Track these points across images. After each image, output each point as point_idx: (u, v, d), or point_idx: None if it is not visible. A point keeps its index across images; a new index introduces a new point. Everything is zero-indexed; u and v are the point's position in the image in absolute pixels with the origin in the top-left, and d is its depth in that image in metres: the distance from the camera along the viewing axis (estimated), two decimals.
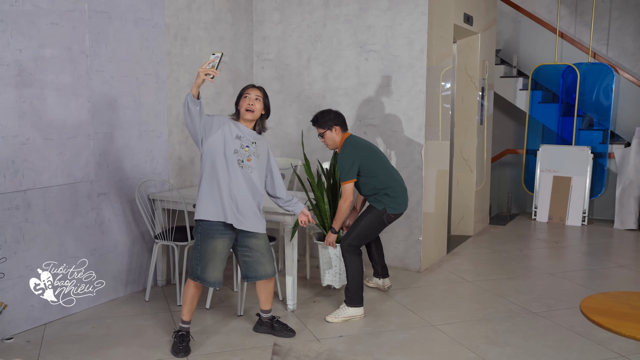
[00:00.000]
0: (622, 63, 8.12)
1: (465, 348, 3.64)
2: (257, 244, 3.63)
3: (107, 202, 4.41)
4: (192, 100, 3.25)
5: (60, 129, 4.01)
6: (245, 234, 3.60)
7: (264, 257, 3.67)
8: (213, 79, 3.21)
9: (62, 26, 3.99)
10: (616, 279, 5.20)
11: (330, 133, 4.23)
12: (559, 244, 6.56)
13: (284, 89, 5.82)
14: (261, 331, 3.86)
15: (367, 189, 4.22)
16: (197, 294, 3.61)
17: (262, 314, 3.89)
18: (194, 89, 3.22)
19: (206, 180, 3.49)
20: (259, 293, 3.85)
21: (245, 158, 3.51)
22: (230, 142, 3.47)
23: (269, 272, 3.70)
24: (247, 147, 3.52)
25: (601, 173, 7.67)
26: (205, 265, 3.50)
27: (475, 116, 6.63)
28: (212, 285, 3.54)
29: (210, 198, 3.47)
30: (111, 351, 3.56)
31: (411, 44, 5.14)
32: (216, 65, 3.22)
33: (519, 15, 8.49)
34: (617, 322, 2.46)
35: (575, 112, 7.76)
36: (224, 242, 3.52)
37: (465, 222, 6.75)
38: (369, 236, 4.25)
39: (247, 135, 3.55)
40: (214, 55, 3.26)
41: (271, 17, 5.82)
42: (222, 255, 3.54)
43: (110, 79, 4.36)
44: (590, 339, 3.75)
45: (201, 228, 3.50)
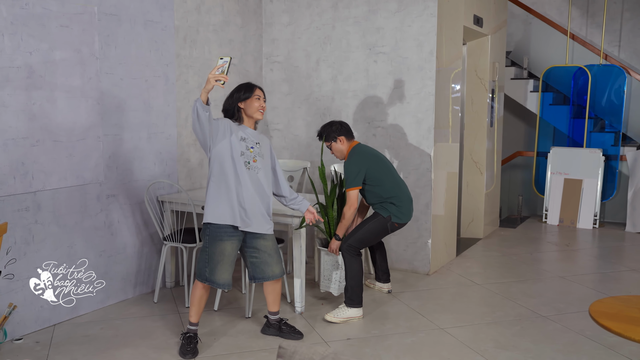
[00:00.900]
0: (634, 65, 8.06)
1: (474, 352, 3.62)
2: (264, 245, 3.63)
3: (116, 204, 4.42)
4: (202, 107, 3.23)
5: (70, 131, 4.03)
6: (253, 235, 3.60)
7: (272, 258, 3.67)
8: (224, 84, 3.17)
9: (72, 29, 4.01)
10: (627, 283, 5.15)
11: (336, 144, 4.28)
12: (569, 247, 6.51)
13: (293, 91, 5.83)
14: (269, 333, 3.86)
15: (373, 197, 4.23)
16: (205, 296, 3.61)
17: (270, 316, 3.88)
18: (204, 94, 3.20)
19: (214, 184, 3.50)
20: (266, 294, 3.85)
21: (251, 159, 3.51)
22: (237, 145, 3.47)
23: (277, 273, 3.70)
24: (251, 148, 3.52)
25: (613, 176, 7.60)
26: (214, 267, 3.50)
27: (485, 118, 6.60)
28: (221, 287, 3.55)
29: (218, 201, 3.48)
30: (119, 352, 3.57)
31: (420, 45, 5.12)
32: (225, 70, 3.18)
33: (529, 17, 8.44)
34: (627, 326, 2.43)
35: (586, 114, 7.70)
36: (232, 244, 3.53)
37: (475, 224, 6.71)
38: (371, 241, 4.26)
39: (251, 137, 3.56)
40: (223, 60, 3.21)
41: (280, 19, 5.82)
42: (231, 257, 3.54)
43: (119, 81, 4.38)
44: (600, 343, 3.71)
45: (209, 230, 3.51)
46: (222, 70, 3.18)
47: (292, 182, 5.53)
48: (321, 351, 1.75)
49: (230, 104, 3.59)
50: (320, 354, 1.74)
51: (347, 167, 4.16)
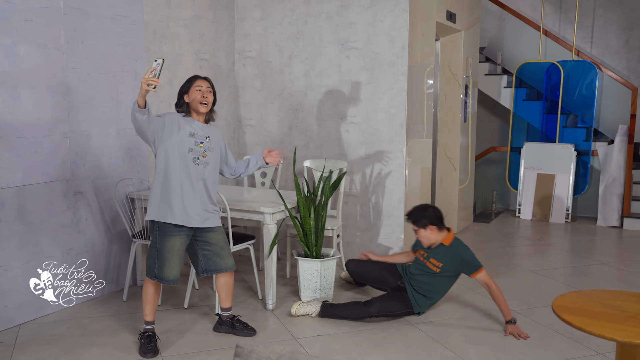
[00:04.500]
0: (605, 61, 8.15)
1: (444, 347, 3.63)
2: (215, 238, 3.62)
3: (84, 201, 4.36)
4: (138, 111, 3.17)
5: (35, 127, 3.96)
6: (202, 230, 3.59)
7: (223, 251, 3.66)
8: (155, 88, 3.11)
9: (37, 23, 3.93)
10: (597, 277, 5.21)
11: (425, 232, 4.03)
12: (542, 241, 6.57)
13: (265, 86, 5.79)
14: (221, 331, 3.82)
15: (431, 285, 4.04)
16: (157, 293, 3.60)
17: (222, 313, 3.85)
18: (140, 99, 3.14)
19: (158, 181, 3.47)
20: (218, 289, 3.82)
21: (201, 154, 3.49)
22: (185, 141, 3.44)
23: (229, 265, 3.69)
24: (201, 143, 3.49)
25: (584, 170, 7.69)
26: (162, 264, 3.47)
27: (459, 114, 6.62)
28: (170, 283, 3.51)
29: (162, 199, 3.45)
30: (85, 352, 3.52)
31: (393, 41, 5.12)
32: (158, 73, 3.12)
33: (503, 13, 8.49)
34: (588, 320, 2.45)
35: (559, 110, 7.77)
36: (181, 239, 3.50)
37: (449, 219, 6.73)
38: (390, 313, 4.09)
39: (200, 131, 3.51)
40: (156, 62, 3.15)
41: (253, 14, 5.78)
42: (180, 253, 3.52)
43: (86, 76, 4.30)
44: (568, 337, 3.75)
45: (158, 226, 3.48)
46: (154, 74, 3.11)
47: (264, 179, 5.49)
48: (278, 350, 1.73)
49: (177, 98, 3.57)
50: (278, 352, 1.72)
51: (467, 255, 4.00)
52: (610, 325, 2.44)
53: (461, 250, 4.03)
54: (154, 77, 3.10)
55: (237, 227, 5.23)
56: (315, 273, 4.29)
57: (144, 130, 3.29)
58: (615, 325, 2.44)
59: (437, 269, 4.01)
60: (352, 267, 4.51)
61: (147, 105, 3.18)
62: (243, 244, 4.30)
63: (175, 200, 3.44)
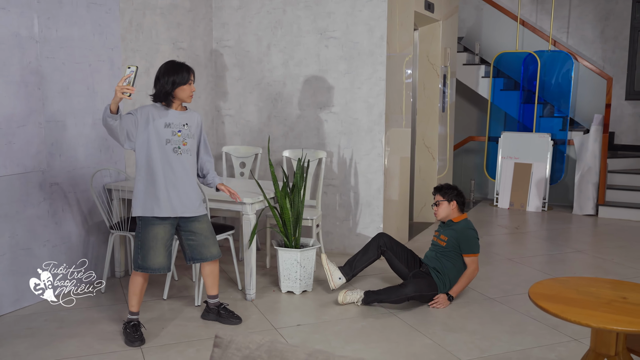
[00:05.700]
0: (581, 51, 8.24)
1: (422, 334, 3.67)
2: (199, 227, 3.61)
3: (60, 192, 4.30)
4: (110, 116, 3.15)
5: (9, 117, 3.89)
6: (187, 219, 3.57)
7: (208, 240, 3.65)
8: (130, 96, 3.12)
9: (9, 11, 3.85)
10: (573, 264, 5.29)
11: (447, 206, 4.27)
12: (519, 229, 6.65)
13: (244, 76, 5.75)
14: (209, 318, 3.85)
15: (453, 268, 4.20)
16: (144, 284, 3.58)
17: (209, 300, 3.86)
18: (113, 105, 3.12)
19: (140, 176, 3.45)
20: (204, 277, 3.83)
21: (181, 143, 3.46)
22: (162, 133, 3.41)
23: (214, 254, 3.69)
24: (179, 132, 3.46)
25: (561, 159, 7.79)
26: (146, 254, 3.46)
27: (437, 103, 6.65)
28: (156, 272, 3.50)
29: (145, 194, 3.44)
30: (63, 344, 3.49)
31: (371, 30, 5.11)
32: (132, 81, 3.12)
33: (481, 3, 8.54)
34: (563, 307, 2.49)
35: (536, 100, 7.85)
36: (165, 228, 3.49)
37: (428, 209, 6.79)
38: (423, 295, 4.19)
39: (177, 120, 3.47)
40: (130, 70, 3.13)
41: (230, 2, 5.73)
42: (164, 241, 3.50)
43: (61, 65, 4.23)
44: (544, 323, 3.81)
45: (142, 218, 3.47)
46: (129, 81, 3.11)
47: (243, 169, 5.47)
48: (258, 339, 1.73)
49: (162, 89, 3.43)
50: (257, 342, 1.72)
51: (470, 233, 4.20)
52: (585, 311, 2.48)
53: (466, 227, 4.24)
54: (129, 84, 3.09)
55: (216, 217, 5.21)
56: (295, 263, 4.29)
57: (115, 133, 3.27)
58: (590, 311, 2.48)
59: (444, 243, 4.23)
60: (385, 239, 4.50)
61: (119, 110, 3.17)
62: (222, 234, 4.28)
63: (161, 192, 3.42)
